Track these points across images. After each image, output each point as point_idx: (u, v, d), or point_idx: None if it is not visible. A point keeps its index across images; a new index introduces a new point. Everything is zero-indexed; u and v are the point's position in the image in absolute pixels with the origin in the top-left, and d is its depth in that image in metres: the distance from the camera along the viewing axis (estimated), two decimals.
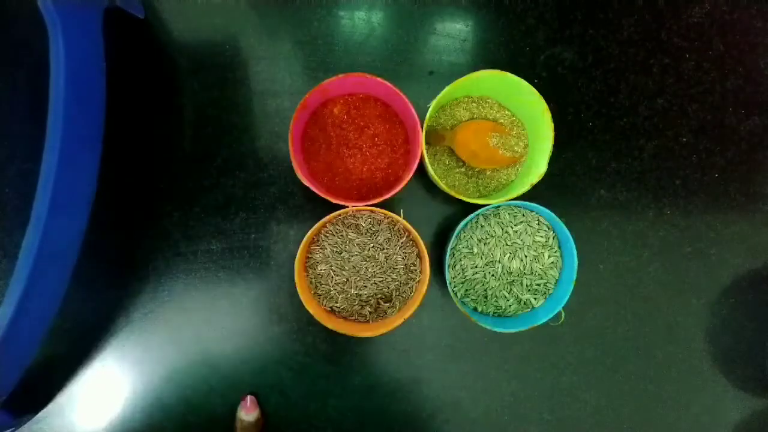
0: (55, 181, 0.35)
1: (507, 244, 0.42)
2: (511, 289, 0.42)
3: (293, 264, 0.40)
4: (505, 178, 0.45)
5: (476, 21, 0.48)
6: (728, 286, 0.48)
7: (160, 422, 0.45)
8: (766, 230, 0.48)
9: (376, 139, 0.44)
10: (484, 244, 0.42)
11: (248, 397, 0.43)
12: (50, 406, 0.44)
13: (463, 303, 0.43)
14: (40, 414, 0.44)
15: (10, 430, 0.41)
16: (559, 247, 0.43)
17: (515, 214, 0.43)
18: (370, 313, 0.42)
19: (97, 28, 0.39)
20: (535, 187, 0.41)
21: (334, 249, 0.42)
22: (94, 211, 0.40)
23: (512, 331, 0.40)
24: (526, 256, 0.42)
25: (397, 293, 0.42)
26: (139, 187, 0.46)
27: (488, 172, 0.45)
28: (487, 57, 0.48)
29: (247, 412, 0.43)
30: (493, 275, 0.42)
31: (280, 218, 0.46)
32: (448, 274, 0.41)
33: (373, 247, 0.42)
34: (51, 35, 0.36)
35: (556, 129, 0.40)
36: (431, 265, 0.41)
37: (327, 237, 0.42)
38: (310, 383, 0.46)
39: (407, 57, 0.47)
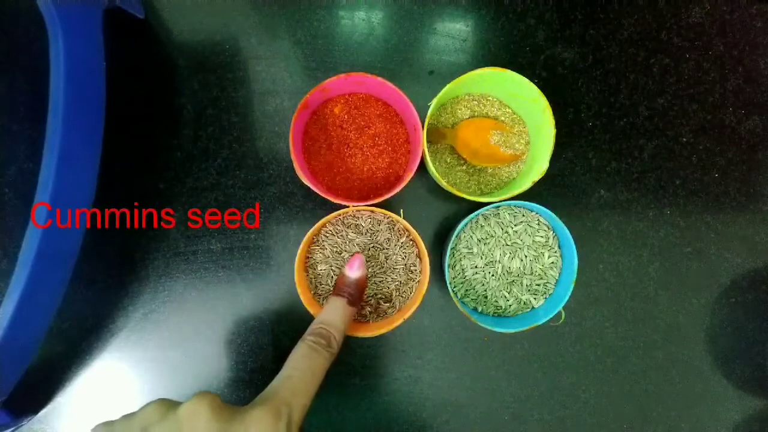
0: (55, 181, 0.35)
1: (507, 244, 0.42)
2: (511, 290, 0.42)
3: (293, 264, 0.40)
4: (506, 175, 0.45)
5: (476, 21, 0.48)
6: (728, 286, 0.48)
7: None
8: (766, 230, 0.48)
9: (376, 138, 0.44)
10: (484, 244, 0.42)
11: (357, 256, 0.38)
12: (50, 406, 0.44)
13: (463, 303, 0.43)
14: (40, 414, 0.44)
15: (10, 430, 0.41)
16: (559, 247, 0.43)
17: (515, 214, 0.43)
18: (370, 313, 0.42)
19: (97, 27, 0.39)
20: (535, 188, 0.41)
21: (334, 249, 0.42)
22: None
23: (512, 331, 0.40)
24: (526, 256, 0.42)
25: (397, 293, 0.42)
26: (139, 186, 0.46)
27: (489, 170, 0.45)
28: (487, 57, 0.48)
29: (351, 269, 0.38)
30: (493, 275, 0.42)
31: (280, 218, 0.46)
32: (448, 274, 0.41)
33: (373, 247, 0.42)
34: (51, 35, 0.36)
35: (556, 129, 0.40)
36: (431, 265, 0.41)
37: (327, 237, 0.42)
38: None
39: (407, 57, 0.47)
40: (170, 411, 0.25)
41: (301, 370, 0.31)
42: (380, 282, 0.42)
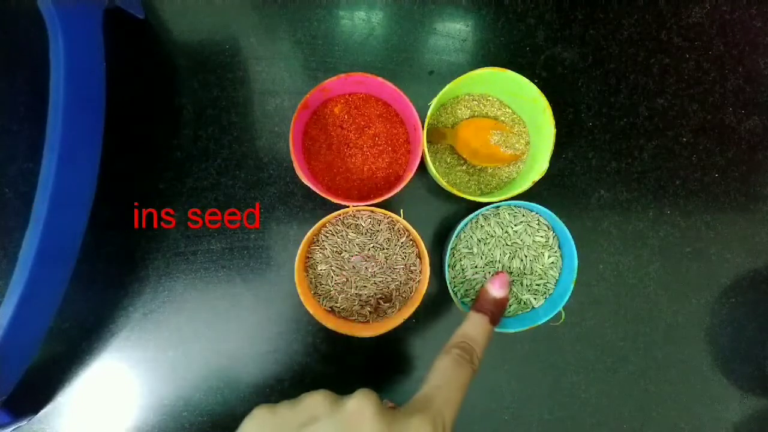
0: (55, 181, 0.35)
1: (507, 244, 0.42)
2: (510, 289, 0.42)
3: (293, 264, 0.40)
4: (506, 175, 0.45)
5: (476, 21, 0.48)
6: (728, 286, 0.48)
7: (160, 422, 0.45)
8: (766, 230, 0.48)
9: (376, 138, 0.44)
10: (484, 244, 0.42)
11: (502, 275, 0.39)
12: (50, 406, 0.44)
13: (463, 303, 0.43)
14: (40, 414, 0.44)
15: (10, 430, 0.41)
16: (559, 247, 0.43)
17: (515, 214, 0.43)
18: (370, 313, 0.42)
19: (97, 28, 0.39)
20: (535, 188, 0.41)
21: (334, 249, 0.42)
22: (94, 211, 0.40)
23: (512, 331, 0.40)
24: (526, 256, 0.42)
25: (397, 293, 0.42)
26: (139, 186, 0.46)
27: (489, 170, 0.45)
28: (487, 57, 0.48)
29: (495, 287, 0.39)
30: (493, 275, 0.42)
31: (280, 218, 0.46)
32: (448, 274, 0.41)
33: (373, 247, 0.42)
34: (51, 35, 0.36)
35: (556, 129, 0.40)
36: (431, 265, 0.41)
37: (327, 237, 0.42)
38: (310, 383, 0.46)
39: (407, 57, 0.47)
40: (337, 404, 0.26)
41: (450, 381, 0.31)
42: (380, 282, 0.42)
